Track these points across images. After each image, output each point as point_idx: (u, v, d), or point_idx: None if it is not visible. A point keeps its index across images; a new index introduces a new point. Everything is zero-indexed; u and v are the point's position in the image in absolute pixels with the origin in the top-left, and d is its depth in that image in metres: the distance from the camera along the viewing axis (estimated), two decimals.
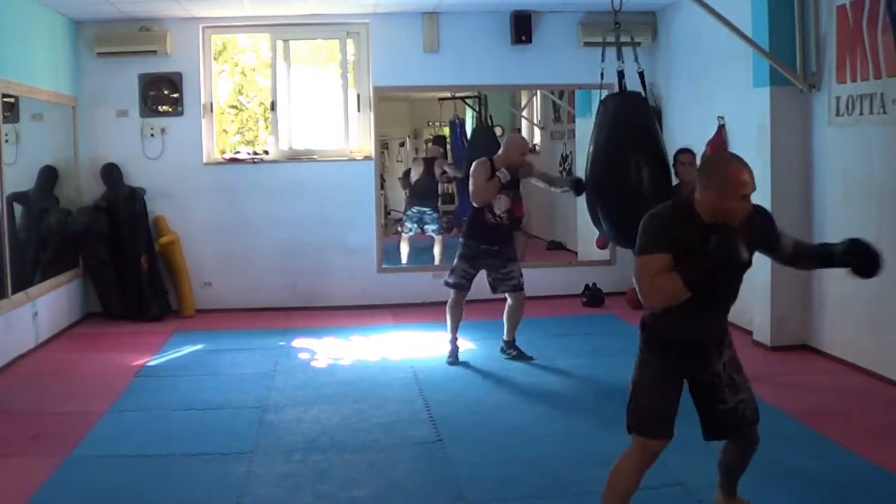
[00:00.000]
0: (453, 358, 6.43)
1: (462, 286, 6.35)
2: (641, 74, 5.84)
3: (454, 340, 6.47)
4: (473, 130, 11.83)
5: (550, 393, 5.72)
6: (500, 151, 6.33)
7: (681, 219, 3.13)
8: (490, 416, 5.23)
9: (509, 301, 6.40)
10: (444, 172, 10.04)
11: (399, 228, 10.40)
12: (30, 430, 5.02)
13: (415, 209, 9.93)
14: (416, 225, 9.85)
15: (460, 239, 6.44)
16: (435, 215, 9.90)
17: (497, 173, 6.14)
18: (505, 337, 6.49)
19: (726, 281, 3.19)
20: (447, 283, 6.40)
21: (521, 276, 6.36)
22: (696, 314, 3.18)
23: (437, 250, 9.72)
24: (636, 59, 5.78)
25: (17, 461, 4.57)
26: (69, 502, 4.07)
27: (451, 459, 4.51)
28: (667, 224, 3.12)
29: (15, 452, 4.70)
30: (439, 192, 10.14)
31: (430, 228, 9.87)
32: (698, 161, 6.34)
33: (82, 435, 4.91)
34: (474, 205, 6.26)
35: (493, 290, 6.42)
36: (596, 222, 5.87)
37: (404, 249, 9.72)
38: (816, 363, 6.15)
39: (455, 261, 6.40)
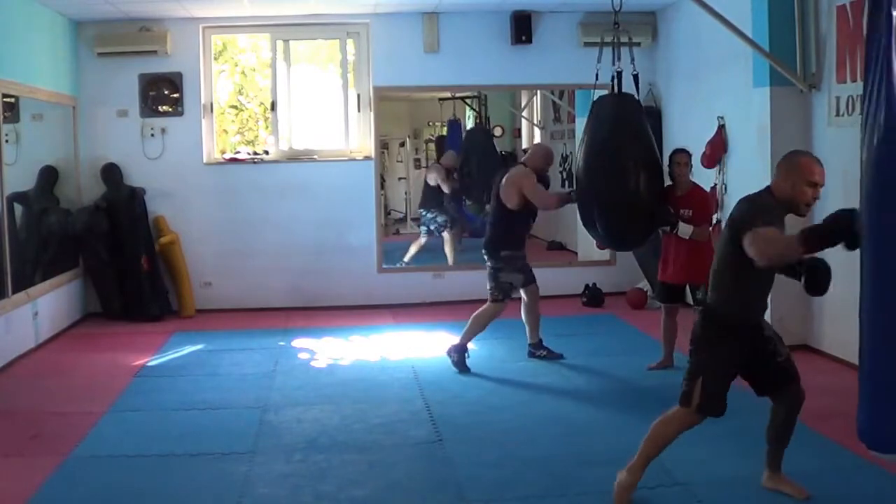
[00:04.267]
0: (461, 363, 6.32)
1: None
2: (636, 77, 5.83)
3: (465, 345, 6.34)
4: (469, 131, 11.83)
5: (550, 393, 5.71)
6: (528, 157, 6.37)
7: (772, 203, 3.58)
8: (490, 416, 5.22)
9: (525, 298, 6.33)
10: (438, 185, 10.04)
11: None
12: (30, 430, 5.02)
13: (421, 210, 10.15)
14: (425, 227, 10.02)
15: (506, 252, 6.17)
16: (434, 216, 9.90)
17: (570, 194, 6.09)
18: (530, 340, 6.44)
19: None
20: (512, 297, 6.27)
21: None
22: (762, 296, 3.72)
23: (447, 251, 9.65)
24: (632, 62, 5.77)
25: (17, 461, 4.57)
26: (69, 502, 4.07)
27: (451, 459, 4.51)
28: (767, 205, 3.55)
29: (15, 452, 4.70)
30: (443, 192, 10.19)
31: (436, 228, 9.95)
32: (694, 161, 6.33)
33: (82, 435, 4.91)
34: (542, 209, 6.27)
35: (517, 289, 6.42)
36: (588, 224, 5.84)
37: (412, 249, 9.74)
38: (816, 363, 6.14)
39: (510, 275, 6.19)
